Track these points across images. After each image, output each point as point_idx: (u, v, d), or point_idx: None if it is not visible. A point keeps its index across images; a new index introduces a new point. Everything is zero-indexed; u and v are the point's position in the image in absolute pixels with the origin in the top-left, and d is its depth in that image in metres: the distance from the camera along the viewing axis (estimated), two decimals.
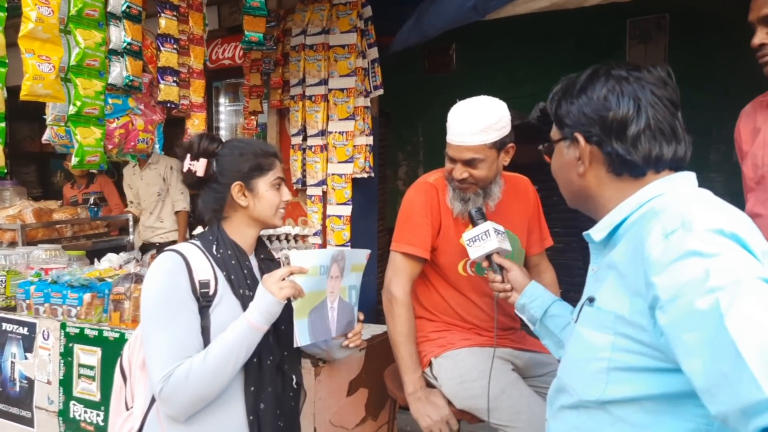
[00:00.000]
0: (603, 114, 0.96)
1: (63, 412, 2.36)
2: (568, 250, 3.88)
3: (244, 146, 1.44)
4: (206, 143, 1.42)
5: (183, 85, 2.72)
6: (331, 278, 1.43)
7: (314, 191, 3.31)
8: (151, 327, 1.28)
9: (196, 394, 1.24)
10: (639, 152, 0.94)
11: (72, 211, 3.89)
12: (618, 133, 0.95)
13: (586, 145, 0.98)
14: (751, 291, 0.73)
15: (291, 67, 3.36)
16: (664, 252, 0.81)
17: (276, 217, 1.44)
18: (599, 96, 0.96)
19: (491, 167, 1.67)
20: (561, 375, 1.04)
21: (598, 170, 0.99)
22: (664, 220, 0.84)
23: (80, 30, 2.28)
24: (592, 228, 1.02)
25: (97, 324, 2.30)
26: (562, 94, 1.03)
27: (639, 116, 0.94)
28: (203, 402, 1.27)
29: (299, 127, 3.33)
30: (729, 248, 0.77)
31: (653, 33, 4.22)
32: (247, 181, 1.40)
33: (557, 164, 1.07)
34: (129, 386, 1.44)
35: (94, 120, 2.40)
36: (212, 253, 1.37)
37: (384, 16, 3.15)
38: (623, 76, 0.96)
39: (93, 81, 2.36)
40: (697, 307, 0.75)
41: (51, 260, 2.91)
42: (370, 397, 2.17)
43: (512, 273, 1.44)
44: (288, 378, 1.43)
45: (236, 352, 1.26)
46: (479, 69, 4.70)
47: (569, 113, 1.00)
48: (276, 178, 1.42)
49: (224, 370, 1.25)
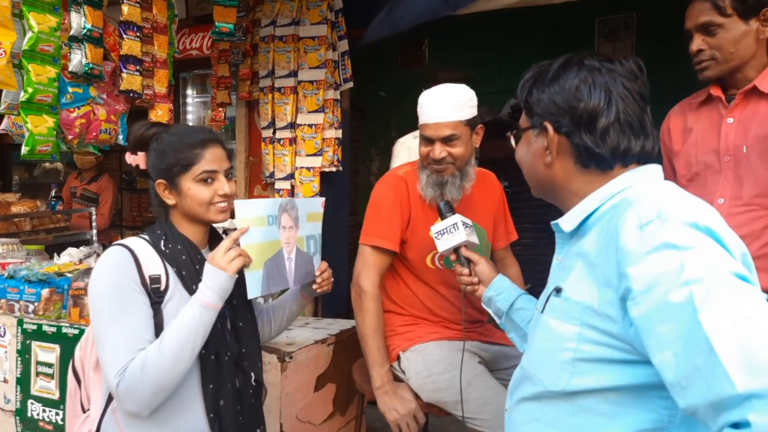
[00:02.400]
0: (574, 104, 0.95)
1: (20, 411, 2.29)
2: (537, 246, 3.92)
3: (167, 140, 1.34)
4: (141, 131, 1.36)
5: (147, 74, 2.64)
6: (284, 228, 1.40)
7: (283, 185, 3.27)
8: (102, 324, 1.22)
9: (155, 384, 1.18)
10: (607, 145, 0.94)
11: (31, 204, 3.76)
12: (587, 125, 0.94)
13: (555, 135, 0.97)
14: (725, 286, 0.74)
15: (260, 59, 3.30)
16: (640, 243, 0.81)
17: (210, 212, 1.33)
18: (571, 86, 0.96)
19: (467, 146, 1.70)
20: (525, 365, 1.03)
21: (566, 161, 0.98)
22: (640, 211, 0.84)
23: (33, 14, 2.17)
24: (561, 218, 1.02)
25: (56, 320, 2.24)
26: (534, 81, 1.02)
27: (609, 109, 0.93)
28: (164, 392, 1.21)
29: (269, 120, 3.28)
30: (703, 242, 0.78)
31: (621, 31, 4.29)
32: (169, 179, 1.32)
33: (524, 152, 1.06)
34: (83, 388, 1.39)
35: (47, 108, 2.30)
36: (161, 249, 1.32)
37: (355, 8, 3.12)
38: (596, 66, 0.96)
39: (46, 67, 2.25)
40: (671, 300, 0.76)
41: (8, 254, 2.81)
42: (338, 392, 2.15)
43: (479, 266, 1.44)
44: (247, 375, 1.39)
45: (193, 336, 1.21)
46: (452, 64, 4.71)
47: (540, 101, 0.99)
48: (202, 172, 1.30)
49: (182, 356, 1.20)
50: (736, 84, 1.58)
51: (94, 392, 1.35)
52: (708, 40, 1.55)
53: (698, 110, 1.66)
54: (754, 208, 1.52)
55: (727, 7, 1.51)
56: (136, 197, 5.93)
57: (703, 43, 1.55)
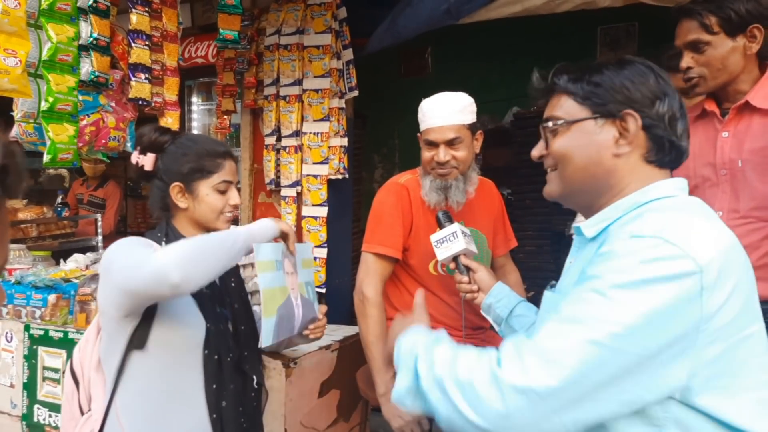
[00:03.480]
0: (660, 98, 0.93)
1: (27, 416, 2.30)
2: (540, 253, 3.93)
3: (190, 145, 1.38)
4: (155, 135, 1.38)
5: (156, 82, 2.68)
6: (287, 274, 1.41)
7: (288, 192, 3.29)
8: (116, 252, 1.21)
9: (193, 249, 1.15)
10: (684, 145, 0.97)
11: (38, 210, 3.79)
12: (671, 122, 0.94)
13: (640, 126, 0.93)
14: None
15: (265, 67, 3.33)
16: (623, 247, 0.84)
17: (219, 221, 1.37)
18: (654, 80, 0.94)
19: (469, 150, 1.75)
20: None
21: (633, 154, 0.95)
22: (643, 224, 0.86)
23: (52, 24, 2.24)
24: (584, 222, 1.00)
25: (63, 326, 2.26)
26: (600, 66, 0.96)
27: (683, 114, 0.96)
28: (203, 261, 1.15)
29: (273, 128, 3.31)
30: (665, 285, 0.79)
31: (623, 40, 4.32)
32: (187, 182, 1.35)
33: (577, 143, 0.97)
34: (82, 390, 1.39)
35: (67, 116, 2.35)
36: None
37: (359, 18, 3.15)
38: (663, 71, 0.97)
39: (66, 76, 2.31)
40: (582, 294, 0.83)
41: (15, 260, 2.84)
42: (342, 399, 2.17)
43: (479, 274, 1.45)
44: (249, 378, 1.41)
45: (229, 242, 1.22)
46: (454, 73, 4.75)
47: (623, 88, 0.93)
48: (221, 181, 1.36)
49: (222, 246, 1.20)
50: (728, 98, 1.61)
51: (96, 392, 1.35)
52: (697, 57, 1.58)
53: (694, 124, 1.68)
54: (752, 220, 1.54)
55: (714, 25, 1.54)
56: (140, 204, 5.97)
57: (692, 61, 1.59)
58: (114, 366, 1.28)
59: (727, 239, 0.86)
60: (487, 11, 2.61)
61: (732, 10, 1.52)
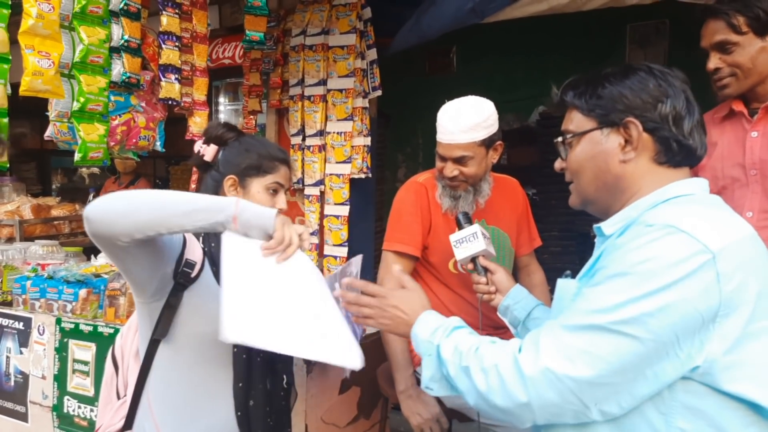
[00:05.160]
0: (661, 100, 0.96)
1: (57, 407, 2.37)
2: (565, 254, 3.88)
3: (253, 144, 1.42)
4: (222, 131, 1.42)
5: (185, 82, 2.73)
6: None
7: (312, 191, 3.32)
8: None
9: (120, 195, 1.12)
10: (694, 143, 0.97)
11: (70, 207, 3.90)
12: (675, 122, 0.96)
13: (642, 130, 0.96)
14: None
15: (290, 67, 3.37)
16: (636, 235, 0.87)
17: None
18: (654, 84, 0.96)
19: (480, 165, 1.70)
20: None
21: (640, 158, 0.98)
22: (657, 217, 0.88)
23: (84, 27, 2.30)
24: (605, 222, 1.02)
25: (93, 319, 2.32)
26: (602, 79, 1.00)
27: (690, 111, 0.97)
28: (118, 210, 1.10)
29: (298, 127, 3.35)
30: (692, 274, 0.82)
31: (653, 38, 4.24)
32: (242, 177, 1.38)
33: (587, 154, 1.02)
34: (121, 376, 1.43)
35: (98, 116, 2.42)
36: (201, 245, 1.36)
37: (383, 18, 3.16)
38: (666, 71, 0.98)
39: (97, 77, 2.38)
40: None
41: (48, 256, 2.92)
42: (362, 396, 2.17)
43: (497, 275, 1.44)
44: (279, 376, 1.42)
45: (191, 203, 1.12)
46: (479, 71, 4.71)
47: (622, 97, 0.97)
48: (274, 182, 1.38)
49: (164, 197, 1.12)
50: (757, 98, 1.57)
51: (132, 379, 1.38)
52: (724, 58, 1.54)
53: (721, 124, 1.64)
54: None
55: (742, 25, 1.50)
56: None
57: (720, 62, 1.55)
58: (142, 354, 1.31)
59: (743, 230, 0.88)
60: (513, 10, 2.58)
61: (760, 8, 1.48)
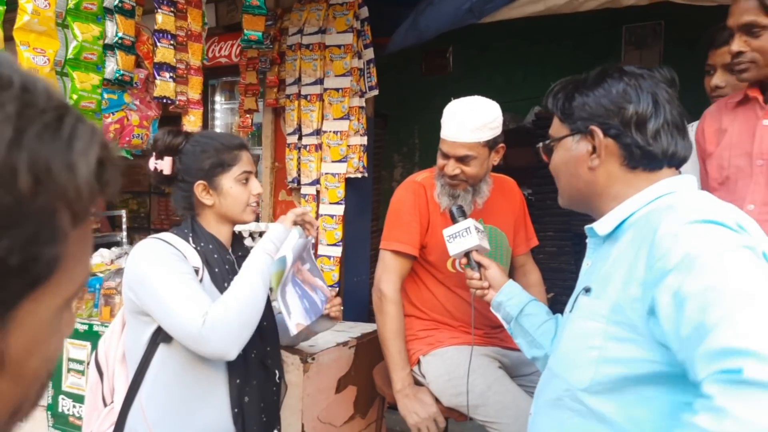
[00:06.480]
0: (623, 106, 0.96)
1: (51, 406, 2.36)
2: (561, 254, 3.89)
3: (205, 142, 1.39)
4: (169, 139, 1.39)
5: (180, 81, 2.72)
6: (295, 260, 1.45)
7: (308, 190, 3.32)
8: (167, 286, 1.24)
9: (240, 316, 1.23)
10: (660, 145, 0.96)
11: None
12: (638, 126, 0.95)
13: (604, 137, 0.97)
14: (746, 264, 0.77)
15: (287, 66, 3.36)
16: (676, 234, 0.83)
17: (245, 213, 1.40)
18: (618, 90, 0.97)
19: (482, 165, 1.70)
20: (551, 365, 1.04)
21: (611, 164, 0.98)
22: (682, 213, 0.85)
23: (78, 23, 2.29)
24: (596, 222, 1.02)
25: (88, 318, 2.31)
26: (574, 87, 1.02)
27: (657, 112, 0.96)
28: (248, 328, 1.26)
29: (295, 126, 3.34)
30: (741, 252, 0.78)
31: (649, 39, 4.25)
32: (210, 179, 1.36)
33: (562, 160, 1.05)
34: (106, 381, 1.42)
35: (91, 114, 2.40)
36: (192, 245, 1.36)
37: (380, 17, 3.16)
38: (638, 73, 0.98)
39: (90, 75, 2.36)
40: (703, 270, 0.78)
41: None
42: (358, 395, 2.17)
43: (490, 271, 1.43)
44: (271, 372, 1.43)
45: (261, 275, 1.30)
46: (476, 72, 4.72)
47: (585, 105, 0.99)
48: (242, 172, 1.38)
49: (257, 289, 1.28)
50: None
51: (119, 385, 1.37)
52: (750, 41, 1.43)
53: (734, 111, 1.57)
54: None
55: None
56: (164, 201, 6.05)
57: (744, 45, 1.44)
58: (138, 358, 1.30)
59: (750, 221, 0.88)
60: (510, 10, 2.59)
61: None
